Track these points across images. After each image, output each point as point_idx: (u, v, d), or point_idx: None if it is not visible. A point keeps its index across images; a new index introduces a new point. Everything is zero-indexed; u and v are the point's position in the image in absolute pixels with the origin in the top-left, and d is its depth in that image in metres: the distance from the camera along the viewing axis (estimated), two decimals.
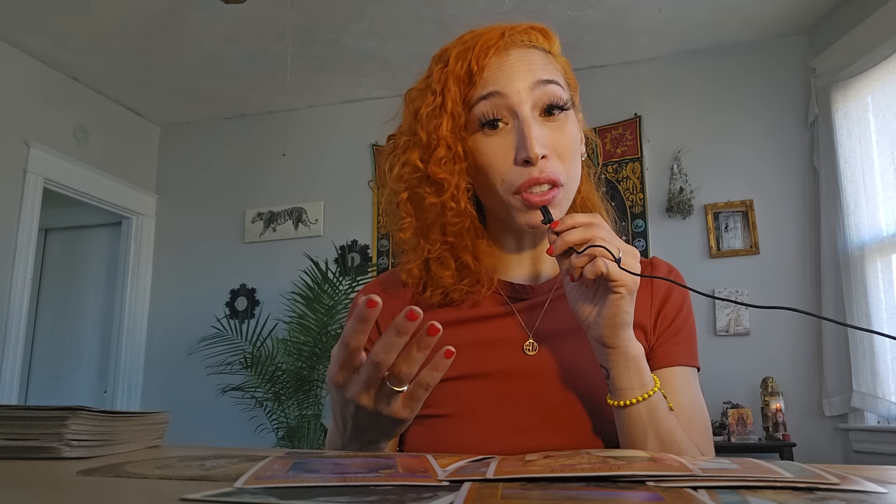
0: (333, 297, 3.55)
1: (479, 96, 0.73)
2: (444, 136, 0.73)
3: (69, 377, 4.34)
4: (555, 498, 0.31)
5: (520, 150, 0.70)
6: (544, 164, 0.70)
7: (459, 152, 0.73)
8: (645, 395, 0.65)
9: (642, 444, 0.65)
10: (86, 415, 0.49)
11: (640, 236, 3.54)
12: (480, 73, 0.73)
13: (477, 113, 0.73)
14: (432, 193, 0.74)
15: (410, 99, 0.80)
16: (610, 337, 0.64)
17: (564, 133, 0.73)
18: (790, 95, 3.45)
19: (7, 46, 3.49)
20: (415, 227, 0.78)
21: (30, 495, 0.34)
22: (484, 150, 0.73)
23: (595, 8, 3.26)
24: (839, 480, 0.34)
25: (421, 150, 0.75)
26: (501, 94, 0.72)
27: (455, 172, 0.73)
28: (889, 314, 2.86)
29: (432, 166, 0.73)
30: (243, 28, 3.41)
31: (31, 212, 3.56)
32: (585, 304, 0.65)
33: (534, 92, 0.72)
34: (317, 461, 0.43)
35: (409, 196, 0.77)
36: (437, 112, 0.74)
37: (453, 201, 0.74)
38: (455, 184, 0.73)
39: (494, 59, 0.74)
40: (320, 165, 4.13)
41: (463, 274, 0.77)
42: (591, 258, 0.62)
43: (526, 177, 0.70)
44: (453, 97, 0.73)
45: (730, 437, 3.05)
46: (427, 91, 0.77)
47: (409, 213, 0.77)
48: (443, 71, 0.75)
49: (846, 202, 3.07)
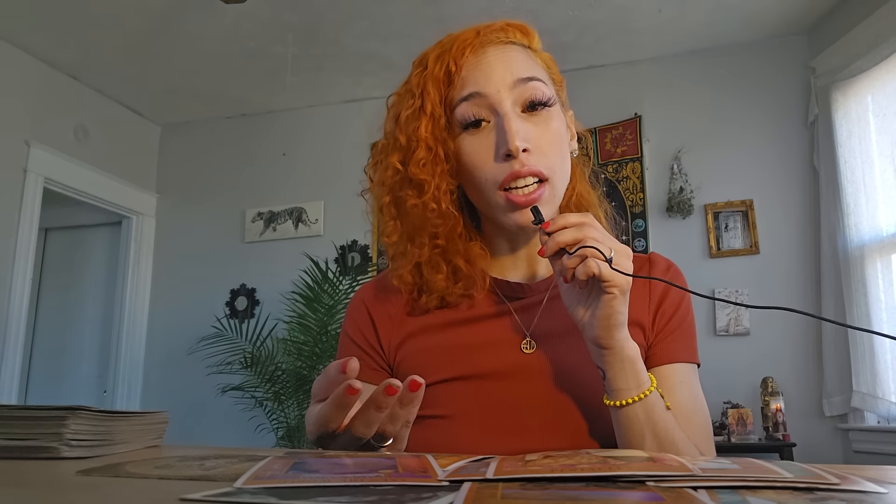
0: (333, 296, 3.55)
1: (459, 98, 0.72)
2: (423, 137, 0.73)
3: (69, 377, 4.34)
4: (555, 498, 0.31)
5: (500, 144, 0.70)
6: (526, 157, 0.70)
7: (440, 154, 0.73)
8: (641, 395, 0.64)
9: (639, 444, 0.65)
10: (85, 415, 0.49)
11: (640, 236, 3.54)
12: (458, 72, 0.73)
13: (459, 115, 0.73)
14: (413, 195, 0.74)
15: (391, 104, 0.80)
16: (605, 338, 0.64)
17: (548, 128, 0.73)
18: (790, 95, 3.45)
19: (7, 46, 3.49)
20: (400, 231, 0.77)
21: (30, 495, 0.34)
22: (467, 150, 0.73)
23: (595, 8, 3.26)
24: (839, 480, 0.34)
25: (401, 152, 0.75)
26: (481, 94, 0.72)
27: (436, 174, 0.73)
28: (889, 314, 2.86)
29: (412, 168, 0.73)
30: (243, 28, 3.41)
31: (31, 211, 3.56)
32: (579, 306, 0.65)
33: (514, 90, 0.72)
34: (317, 461, 0.43)
35: (392, 199, 0.77)
36: (417, 114, 0.74)
37: (434, 202, 0.73)
38: (436, 185, 0.73)
39: (472, 58, 0.73)
40: (320, 165, 4.13)
41: (456, 277, 0.76)
42: (582, 259, 0.61)
43: (508, 171, 0.70)
44: (433, 99, 0.73)
45: (730, 437, 3.05)
46: (406, 95, 0.77)
47: (393, 216, 0.77)
48: (422, 74, 0.75)
49: (846, 202, 3.07)
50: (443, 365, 0.75)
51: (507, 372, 0.73)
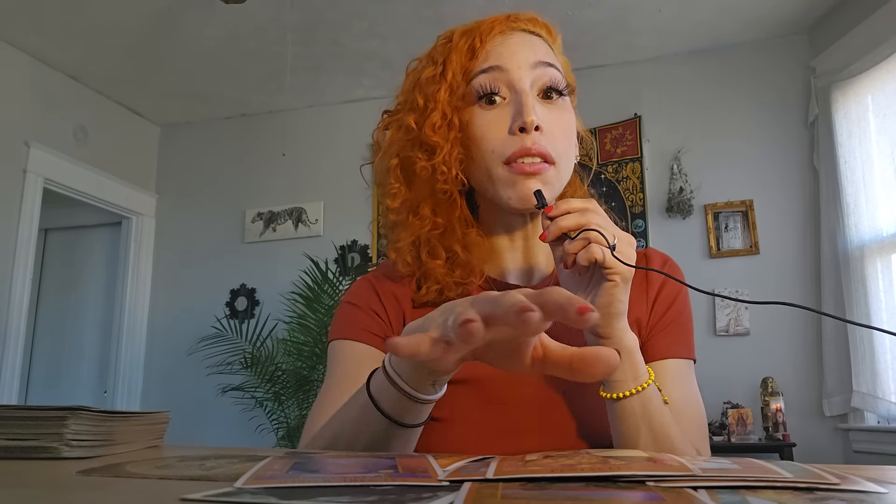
0: (333, 297, 3.55)
1: (479, 69, 0.73)
2: (441, 101, 0.73)
3: (69, 377, 4.34)
4: (555, 498, 0.31)
5: (516, 117, 0.70)
6: (538, 136, 0.70)
7: (455, 122, 0.73)
8: (638, 388, 0.63)
9: (634, 438, 0.64)
10: (86, 415, 0.49)
11: (640, 236, 3.54)
12: (483, 47, 0.74)
13: (475, 85, 0.73)
14: (423, 158, 0.73)
15: (411, 69, 0.80)
16: (603, 326, 0.63)
17: (561, 117, 0.74)
18: (790, 95, 3.45)
19: (7, 46, 3.49)
20: (404, 196, 0.77)
21: (30, 495, 0.34)
22: (478, 123, 0.73)
23: (595, 8, 3.26)
24: (839, 480, 0.34)
25: (416, 113, 0.75)
26: (502, 69, 0.72)
27: (449, 140, 0.73)
28: (889, 314, 2.86)
29: (426, 130, 0.73)
30: (243, 28, 3.41)
31: (31, 212, 3.56)
32: (579, 293, 0.64)
33: (534, 71, 0.72)
34: (317, 461, 0.43)
35: (401, 163, 0.77)
36: (437, 79, 0.74)
37: (445, 165, 0.73)
38: (448, 150, 0.72)
39: (499, 37, 0.74)
40: (320, 165, 4.13)
41: (454, 264, 0.76)
42: (585, 244, 0.60)
43: (518, 145, 0.70)
44: (454, 68, 0.73)
45: (730, 437, 3.05)
46: (428, 62, 0.77)
47: (399, 180, 0.77)
48: (446, 45, 0.76)
49: (846, 202, 3.07)
50: None
51: (503, 373, 0.73)
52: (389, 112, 0.81)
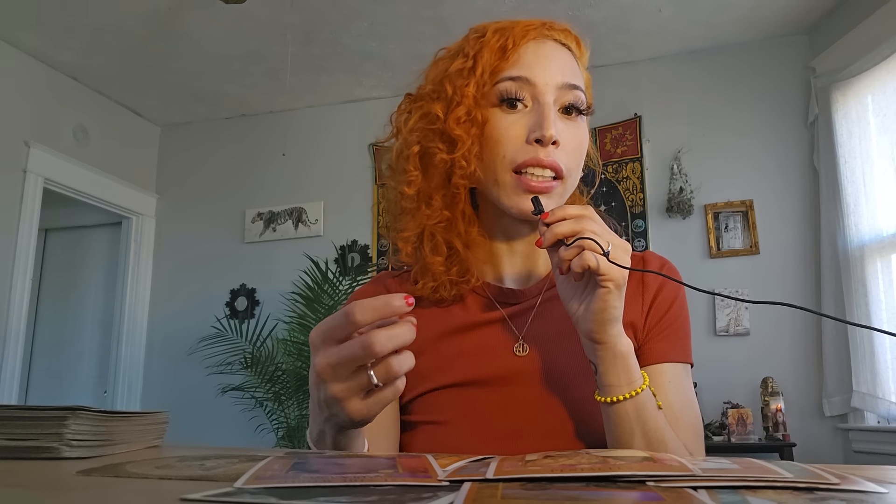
0: (333, 297, 3.55)
1: (507, 75, 0.73)
2: (468, 96, 0.73)
3: (69, 377, 4.35)
4: (555, 498, 0.31)
5: (535, 128, 0.71)
6: (553, 150, 0.71)
7: (478, 118, 0.73)
8: (632, 393, 0.64)
9: (628, 442, 0.64)
10: (86, 415, 0.49)
11: (640, 236, 3.54)
12: (515, 50, 0.74)
13: (501, 88, 0.73)
14: (444, 150, 0.74)
15: (439, 58, 0.80)
16: (598, 332, 0.63)
17: (577, 133, 0.75)
18: (790, 95, 3.45)
19: (7, 46, 3.49)
20: (420, 184, 0.77)
21: (30, 495, 0.34)
22: (496, 125, 0.73)
23: (595, 8, 3.26)
24: (839, 480, 0.34)
25: (444, 103, 0.75)
26: (530, 82, 0.72)
27: (471, 135, 0.73)
28: (889, 314, 2.86)
29: (450, 122, 0.73)
30: (243, 28, 3.41)
31: (31, 212, 3.56)
32: (574, 299, 0.65)
33: (560, 90, 0.73)
34: (317, 461, 0.43)
35: (420, 151, 0.77)
36: (467, 74, 0.74)
37: (465, 160, 0.73)
38: (469, 146, 0.73)
39: (532, 43, 0.74)
40: (320, 165, 4.13)
41: (452, 261, 0.77)
42: (579, 251, 0.61)
43: (531, 155, 0.71)
44: (484, 64, 0.73)
45: (730, 437, 3.05)
46: (459, 53, 0.77)
47: (418, 168, 0.77)
48: (479, 40, 0.76)
49: (846, 202, 3.07)
50: (437, 373, 0.75)
51: (500, 376, 0.74)
52: (412, 96, 0.81)
